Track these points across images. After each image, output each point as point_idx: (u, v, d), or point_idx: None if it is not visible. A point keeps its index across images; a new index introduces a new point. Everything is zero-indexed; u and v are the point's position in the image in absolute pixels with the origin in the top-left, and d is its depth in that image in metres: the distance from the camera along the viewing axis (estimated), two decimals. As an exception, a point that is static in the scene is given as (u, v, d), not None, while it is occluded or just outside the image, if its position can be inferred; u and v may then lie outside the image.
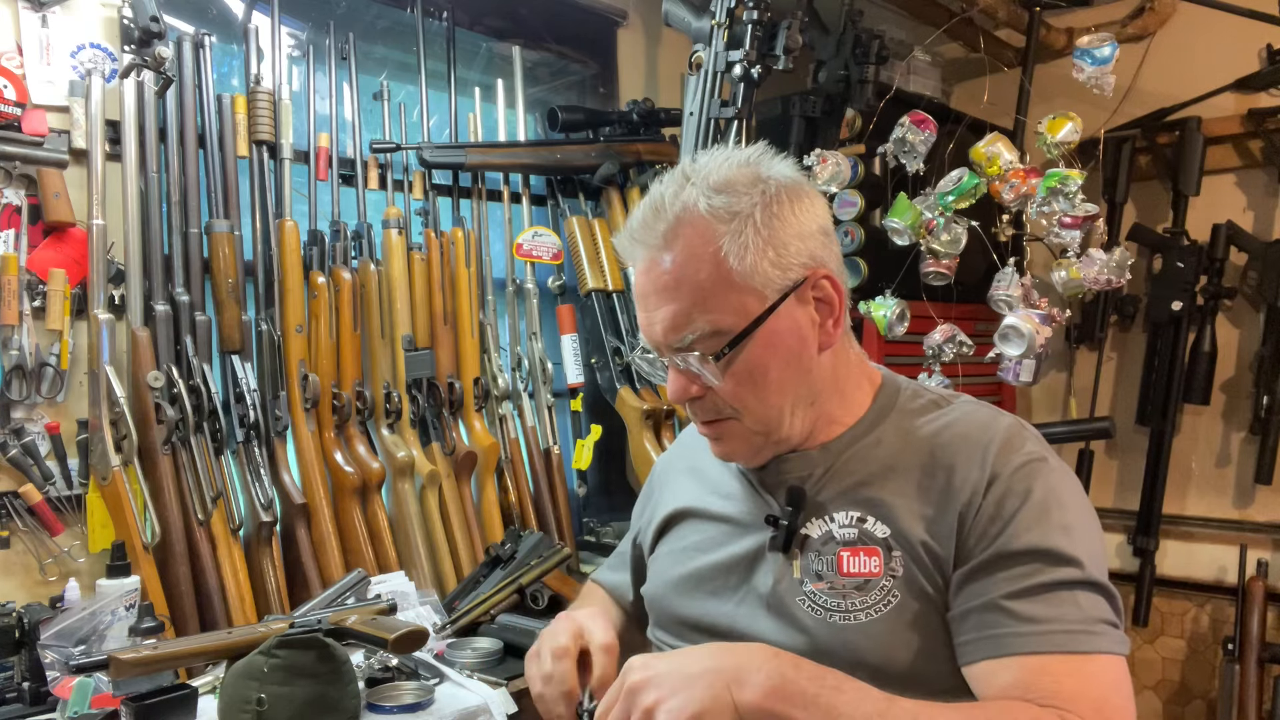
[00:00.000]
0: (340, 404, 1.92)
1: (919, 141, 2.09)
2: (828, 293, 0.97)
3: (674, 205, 0.96)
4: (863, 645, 0.92)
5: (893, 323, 2.15)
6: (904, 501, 0.95)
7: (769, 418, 0.98)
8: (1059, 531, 0.89)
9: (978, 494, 0.92)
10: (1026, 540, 0.89)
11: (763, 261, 0.93)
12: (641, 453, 2.26)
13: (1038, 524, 0.89)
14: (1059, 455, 0.99)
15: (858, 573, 0.94)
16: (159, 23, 1.51)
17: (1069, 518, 0.91)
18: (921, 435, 0.99)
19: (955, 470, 0.94)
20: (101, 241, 1.65)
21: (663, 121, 2.49)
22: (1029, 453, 0.94)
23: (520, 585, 1.79)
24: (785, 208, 0.96)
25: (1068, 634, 0.86)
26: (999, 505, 0.91)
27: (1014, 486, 0.91)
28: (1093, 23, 2.74)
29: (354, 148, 2.03)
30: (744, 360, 0.95)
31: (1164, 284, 2.70)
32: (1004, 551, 0.89)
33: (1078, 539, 0.90)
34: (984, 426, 0.97)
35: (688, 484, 1.17)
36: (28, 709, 1.33)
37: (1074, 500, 0.93)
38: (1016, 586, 0.88)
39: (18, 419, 1.60)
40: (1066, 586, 0.88)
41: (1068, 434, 2.42)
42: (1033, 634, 0.86)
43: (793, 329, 0.96)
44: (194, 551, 1.70)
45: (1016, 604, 0.87)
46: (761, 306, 0.94)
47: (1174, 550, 2.87)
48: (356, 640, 1.33)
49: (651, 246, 0.96)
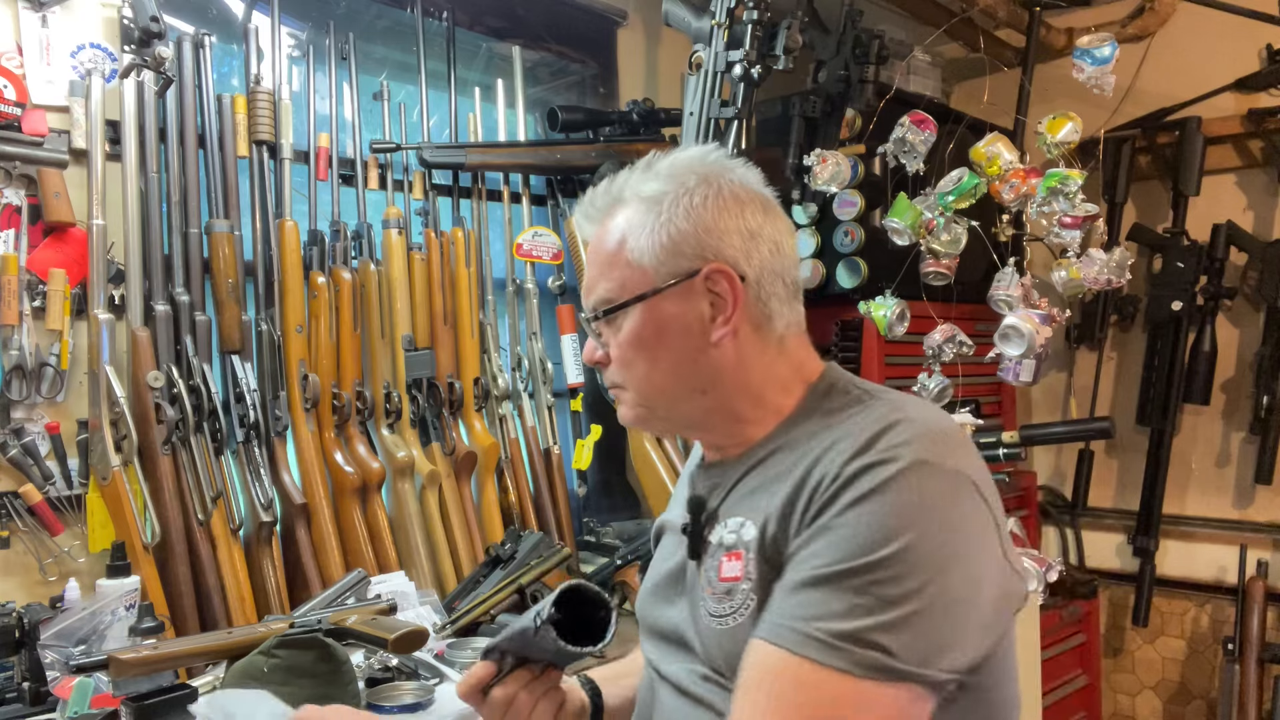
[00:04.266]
0: (340, 404, 1.92)
1: (919, 141, 2.09)
2: (723, 289, 0.97)
3: (616, 188, 1.03)
4: (733, 651, 0.90)
5: (893, 323, 2.15)
6: (773, 502, 0.92)
7: (648, 393, 1.01)
8: (856, 528, 0.82)
9: (805, 488, 0.88)
10: (825, 537, 0.84)
11: (655, 245, 0.97)
12: (641, 453, 2.26)
13: (838, 524, 0.83)
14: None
15: (729, 578, 0.94)
16: (159, 23, 1.50)
17: (876, 511, 0.82)
18: (817, 436, 0.95)
19: (813, 467, 0.89)
20: (101, 241, 1.65)
21: (663, 121, 2.49)
22: (882, 451, 0.85)
23: (520, 585, 1.79)
24: (701, 202, 0.98)
25: (798, 634, 0.80)
26: (824, 505, 0.85)
27: (843, 486, 0.85)
28: (1093, 23, 2.74)
29: (354, 148, 2.04)
30: (628, 333, 0.99)
31: (1164, 284, 2.70)
32: (809, 539, 0.85)
33: (880, 535, 0.81)
34: (864, 424, 0.90)
35: (676, 495, 1.20)
36: (28, 709, 1.33)
37: (903, 497, 0.83)
38: (799, 577, 0.84)
39: (18, 419, 1.60)
40: (829, 582, 0.81)
41: (1068, 434, 2.42)
42: (781, 622, 0.82)
43: (678, 315, 0.97)
44: (194, 551, 1.70)
45: (793, 593, 0.83)
46: (646, 285, 0.97)
47: (1174, 550, 2.87)
48: (356, 640, 1.34)
49: (589, 221, 1.05)
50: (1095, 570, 3.02)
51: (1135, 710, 3.00)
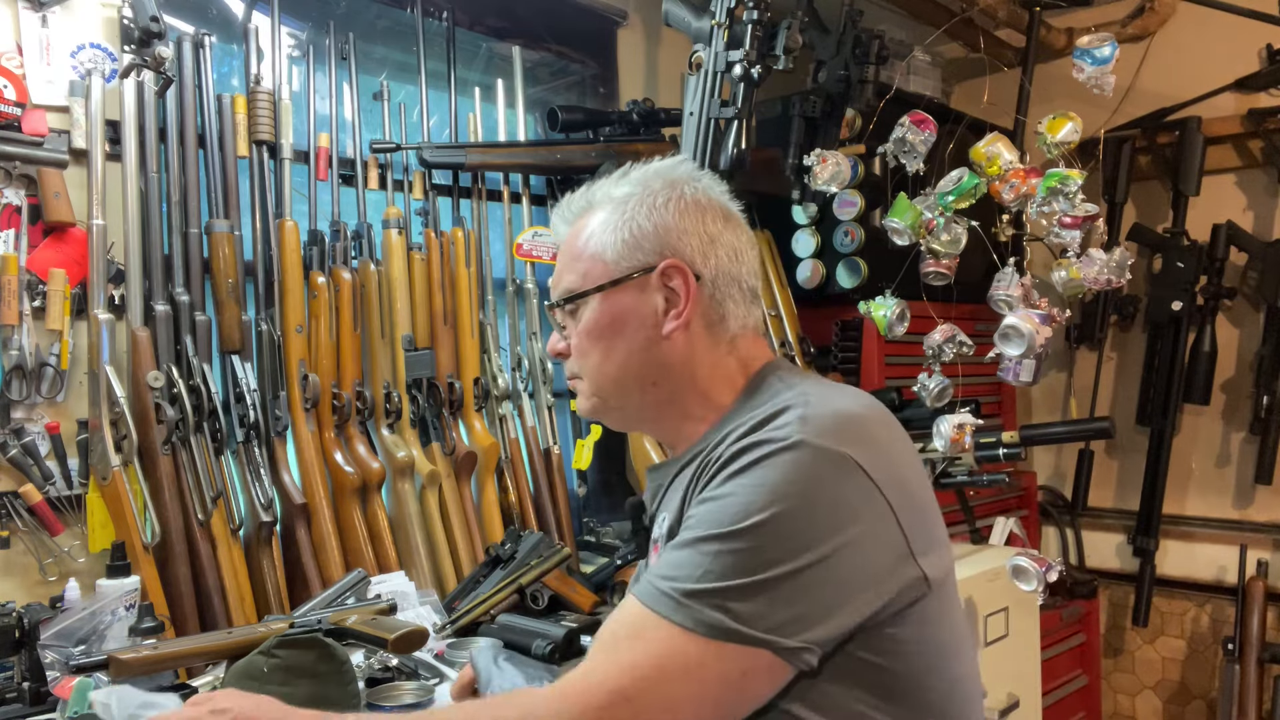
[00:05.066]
0: (340, 404, 1.92)
1: (919, 141, 2.09)
2: (678, 285, 1.03)
3: (589, 193, 1.10)
4: None
5: (893, 323, 2.15)
6: (681, 493, 0.99)
7: (600, 382, 1.06)
8: (731, 519, 0.86)
9: (700, 473, 0.95)
10: (696, 509, 0.91)
11: (616, 240, 1.03)
12: (641, 453, 2.26)
13: (708, 497, 0.90)
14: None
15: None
16: (159, 23, 1.50)
17: (739, 485, 0.88)
18: (733, 428, 0.98)
19: (710, 453, 0.95)
20: (101, 241, 1.65)
21: (663, 121, 2.49)
22: (768, 431, 0.90)
23: (520, 585, 1.79)
24: (664, 204, 1.04)
25: (657, 592, 0.86)
26: (708, 482, 0.92)
27: (724, 467, 0.90)
28: (1093, 23, 2.74)
29: (354, 148, 2.03)
30: (586, 322, 1.04)
31: (1164, 284, 2.70)
32: (687, 524, 0.91)
33: (748, 532, 0.85)
34: (761, 411, 0.94)
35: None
36: (28, 709, 1.33)
37: (768, 474, 0.87)
38: (672, 542, 0.91)
39: (18, 419, 1.60)
40: (684, 546, 0.87)
41: (1068, 434, 2.42)
42: (642, 580, 0.89)
43: (634, 308, 1.03)
44: (194, 551, 1.69)
45: (666, 553, 0.91)
46: (605, 277, 1.03)
47: (1174, 550, 2.87)
48: (356, 640, 1.34)
49: (565, 222, 1.11)
50: (1095, 570, 3.02)
51: (1135, 710, 3.00)
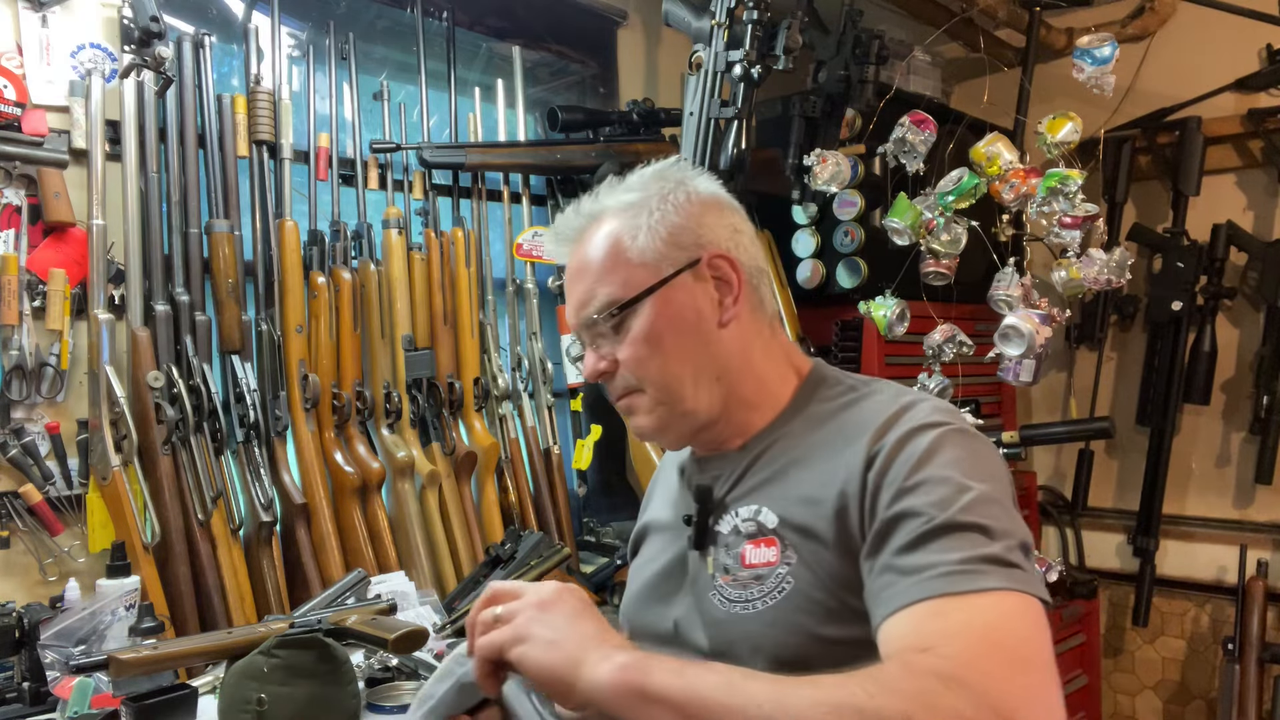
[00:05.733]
0: (340, 404, 1.92)
1: (919, 141, 2.09)
2: (726, 272, 1.04)
3: (588, 208, 1.08)
4: (758, 633, 0.95)
5: (893, 323, 2.15)
6: (795, 490, 0.98)
7: (668, 386, 1.03)
8: (943, 484, 0.87)
9: (859, 471, 0.92)
10: (912, 500, 0.88)
11: (655, 240, 1.02)
12: (641, 453, 2.26)
13: (924, 481, 0.88)
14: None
15: (757, 563, 0.97)
16: (159, 23, 1.51)
17: (957, 471, 0.88)
18: (825, 425, 1.01)
19: (839, 453, 0.95)
20: (101, 241, 1.65)
21: (663, 121, 2.49)
22: (917, 420, 0.93)
23: (520, 585, 1.79)
24: (684, 201, 1.05)
25: (949, 576, 0.82)
26: (883, 474, 0.90)
27: (899, 453, 0.91)
28: (1093, 23, 2.73)
29: (354, 148, 2.04)
30: (640, 327, 1.01)
31: (1164, 284, 2.70)
32: (893, 515, 0.88)
33: (966, 489, 0.87)
34: (879, 405, 0.97)
35: (657, 498, 1.21)
36: (28, 709, 1.33)
37: (966, 455, 0.91)
38: (900, 543, 0.86)
39: (18, 419, 1.60)
40: (951, 530, 0.85)
41: (1068, 434, 2.42)
42: (917, 582, 0.83)
43: (689, 302, 1.02)
44: (194, 551, 1.70)
45: (903, 559, 0.86)
46: (652, 278, 1.02)
47: (1174, 550, 2.87)
48: (356, 640, 1.33)
49: (567, 241, 1.08)
50: (1095, 570, 3.02)
51: (1135, 710, 3.00)
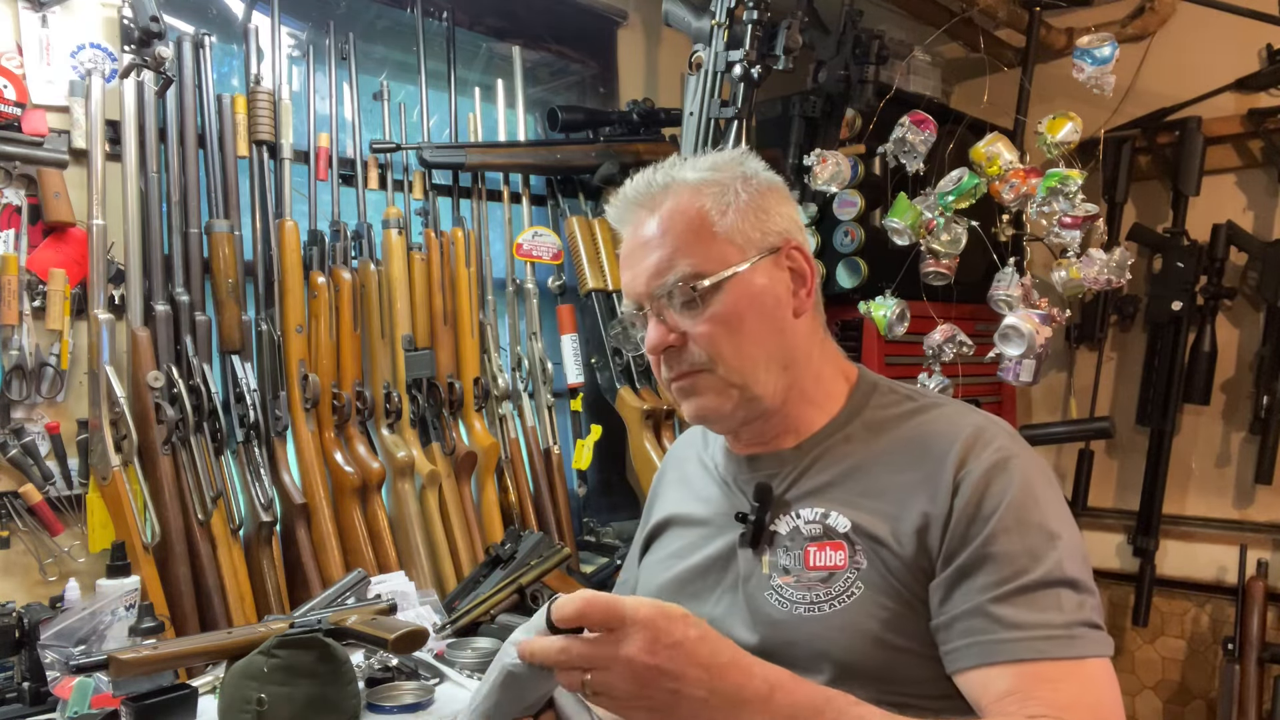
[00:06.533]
0: (340, 404, 1.92)
1: (919, 141, 2.09)
2: (800, 264, 1.05)
3: (665, 176, 1.06)
4: (824, 636, 0.94)
5: (893, 323, 2.15)
6: (867, 500, 0.97)
7: (743, 368, 1.01)
8: (1037, 531, 0.90)
9: (944, 495, 0.93)
10: (1006, 543, 0.89)
11: (743, 222, 1.02)
12: (641, 453, 2.26)
13: (1016, 525, 0.90)
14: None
15: (823, 566, 0.97)
16: (159, 23, 1.50)
17: (1047, 515, 0.91)
18: (889, 434, 1.01)
19: (920, 469, 0.95)
20: (101, 241, 1.65)
21: (663, 121, 2.49)
22: (1000, 449, 0.94)
23: (520, 585, 1.79)
24: (766, 187, 1.06)
25: (1054, 640, 0.86)
26: (975, 506, 0.91)
27: (990, 486, 0.92)
28: (1093, 23, 2.73)
29: (354, 148, 2.03)
30: (721, 306, 1.00)
31: (1164, 284, 2.69)
32: (984, 554, 0.89)
33: (1057, 537, 0.90)
34: (952, 424, 0.98)
35: (675, 493, 1.20)
36: (28, 709, 1.33)
37: (1049, 496, 0.94)
38: (1000, 590, 0.88)
39: (18, 419, 1.60)
40: (1048, 586, 0.88)
41: (1068, 434, 2.42)
42: (1022, 640, 0.86)
43: (769, 288, 1.02)
44: (194, 551, 1.70)
45: (1001, 609, 0.87)
46: (740, 258, 1.01)
47: (1174, 550, 2.87)
48: (356, 640, 1.33)
49: (643, 207, 1.05)
50: (1095, 570, 3.01)
51: (1135, 710, 3.00)
